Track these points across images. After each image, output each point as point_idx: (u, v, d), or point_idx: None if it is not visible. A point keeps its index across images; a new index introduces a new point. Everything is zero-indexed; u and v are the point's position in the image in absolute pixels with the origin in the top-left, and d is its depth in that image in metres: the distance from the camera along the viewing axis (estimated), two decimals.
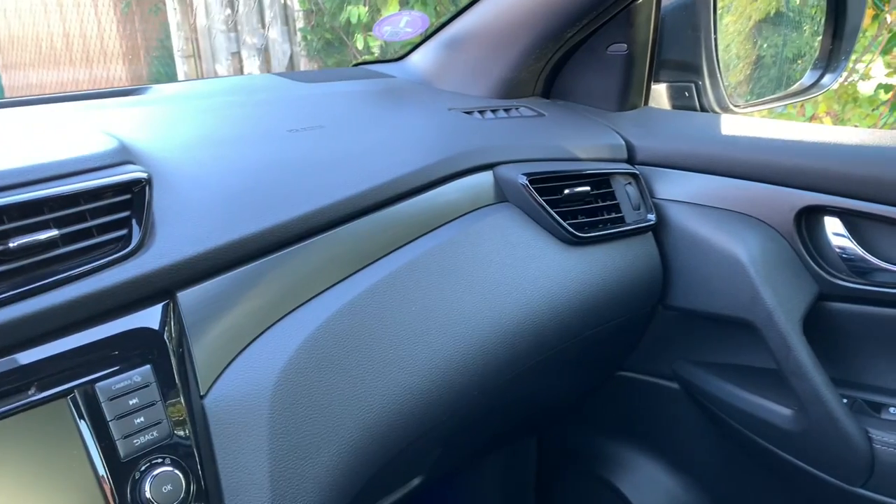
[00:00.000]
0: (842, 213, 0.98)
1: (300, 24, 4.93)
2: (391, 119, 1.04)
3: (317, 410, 0.71)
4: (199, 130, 0.89)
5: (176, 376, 0.63)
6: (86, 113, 0.93)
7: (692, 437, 1.23)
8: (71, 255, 0.61)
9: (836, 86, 1.60)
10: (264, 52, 5.07)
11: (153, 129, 0.87)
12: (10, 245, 0.57)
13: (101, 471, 0.57)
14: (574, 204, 1.02)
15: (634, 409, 1.29)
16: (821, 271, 1.01)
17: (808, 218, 1.01)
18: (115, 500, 0.57)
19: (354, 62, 1.46)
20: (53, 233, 0.60)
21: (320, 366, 0.73)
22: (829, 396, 0.95)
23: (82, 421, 0.57)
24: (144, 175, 0.67)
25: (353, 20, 4.24)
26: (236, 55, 5.10)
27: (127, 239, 0.64)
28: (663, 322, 1.14)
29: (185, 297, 0.67)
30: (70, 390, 0.57)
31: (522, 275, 0.94)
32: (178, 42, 5.20)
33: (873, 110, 2.65)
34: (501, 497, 1.44)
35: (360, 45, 4.35)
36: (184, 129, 0.89)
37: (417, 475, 1.00)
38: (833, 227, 0.99)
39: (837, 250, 0.99)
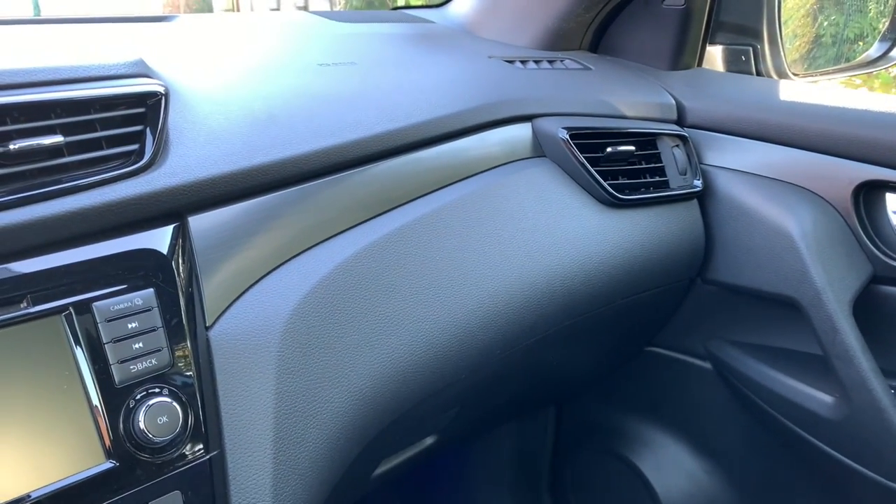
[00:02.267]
0: None
1: None
2: (427, 62, 0.98)
3: (329, 354, 0.66)
4: (224, 56, 0.84)
5: (181, 304, 0.59)
6: (111, 32, 0.89)
7: (721, 421, 1.17)
8: (76, 165, 0.57)
9: None
10: (304, 10, 5.02)
11: (177, 49, 0.82)
12: (11, 148, 0.53)
13: (94, 396, 0.53)
14: (616, 163, 0.96)
15: (662, 387, 1.23)
16: (877, 251, 0.94)
17: (868, 193, 0.94)
18: (107, 428, 0.53)
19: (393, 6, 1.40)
20: (58, 139, 0.56)
21: (335, 308, 0.68)
22: (876, 385, 0.88)
23: (76, 341, 0.53)
24: (161, 89, 0.62)
25: None
26: (275, 12, 5.05)
27: (138, 154, 0.60)
28: (701, 296, 1.08)
29: (197, 221, 0.62)
30: (65, 307, 0.53)
31: (556, 234, 0.89)
32: None
33: None
34: (515, 467, 1.40)
35: None
36: (209, 53, 0.84)
37: (432, 434, 0.95)
38: (895, 205, 0.92)
39: None
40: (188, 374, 0.58)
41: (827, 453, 0.97)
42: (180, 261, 0.60)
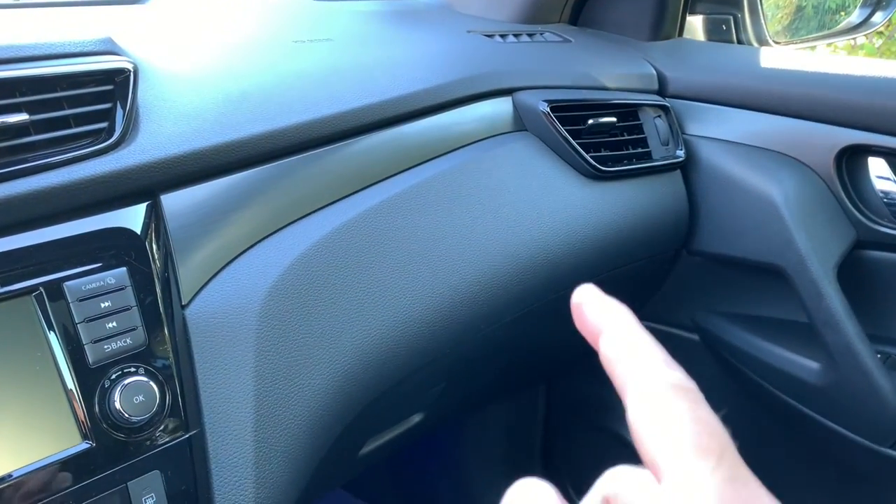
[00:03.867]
0: (888, 154, 0.90)
1: None
2: (405, 38, 0.97)
3: (309, 331, 0.66)
4: (197, 35, 0.83)
5: (156, 282, 0.58)
6: (83, 14, 0.88)
7: (710, 393, 1.14)
8: (44, 144, 0.56)
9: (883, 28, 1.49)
10: None
11: (147, 27, 0.81)
12: None
13: (67, 376, 0.52)
14: (598, 136, 0.96)
15: None
16: (860, 216, 0.93)
17: (850, 158, 0.93)
18: (81, 408, 0.52)
19: None
20: (23, 117, 0.55)
21: (315, 285, 0.67)
22: (862, 349, 0.88)
23: (47, 321, 0.52)
24: (129, 66, 0.61)
25: None
26: None
27: (107, 132, 0.59)
28: (687, 268, 1.08)
29: (170, 199, 0.61)
30: (35, 287, 0.52)
31: (538, 207, 0.88)
32: None
33: None
34: (507, 445, 1.40)
35: None
36: (180, 31, 0.83)
37: (418, 412, 0.95)
38: (877, 169, 0.92)
39: (880, 194, 0.92)
40: (164, 353, 0.57)
41: (815, 420, 0.98)
42: (153, 239, 0.59)
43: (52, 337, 0.52)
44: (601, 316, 0.26)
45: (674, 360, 0.25)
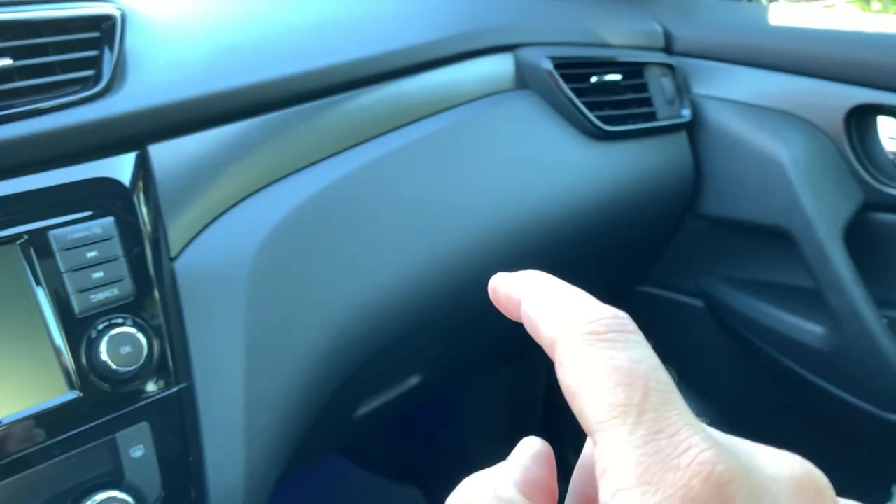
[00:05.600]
0: None
1: None
2: None
3: (301, 286, 0.65)
4: None
5: (143, 234, 0.57)
6: None
7: (713, 359, 1.16)
8: (28, 90, 0.55)
9: None
10: None
11: None
12: None
13: (54, 326, 0.51)
14: (602, 94, 0.93)
15: (653, 326, 1.21)
16: (869, 177, 0.91)
17: (860, 118, 0.91)
18: (68, 358, 0.51)
19: None
20: (7, 62, 0.53)
21: (308, 240, 0.66)
22: (868, 313, 0.87)
23: (32, 270, 0.51)
24: (116, 12, 0.60)
25: None
26: None
27: (94, 80, 0.58)
28: (691, 232, 1.06)
29: (158, 150, 0.60)
30: (20, 235, 0.51)
31: (540, 168, 0.86)
32: None
33: None
34: (508, 413, 1.39)
35: None
36: None
37: (416, 374, 0.94)
38: (888, 129, 0.90)
39: (890, 155, 0.90)
40: (152, 305, 0.56)
41: (819, 386, 0.96)
42: (141, 189, 0.58)
43: (37, 286, 0.51)
44: (515, 287, 0.25)
45: (595, 301, 0.22)
